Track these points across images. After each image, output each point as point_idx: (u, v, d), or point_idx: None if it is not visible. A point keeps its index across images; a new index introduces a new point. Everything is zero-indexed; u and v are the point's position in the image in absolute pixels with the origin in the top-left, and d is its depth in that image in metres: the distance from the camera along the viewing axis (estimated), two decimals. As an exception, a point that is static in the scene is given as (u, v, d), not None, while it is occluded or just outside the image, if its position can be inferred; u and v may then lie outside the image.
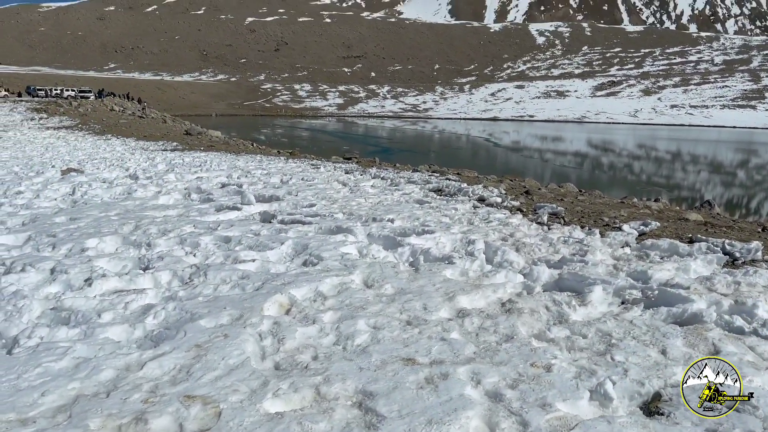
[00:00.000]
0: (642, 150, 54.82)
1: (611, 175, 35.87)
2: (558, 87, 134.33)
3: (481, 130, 75.16)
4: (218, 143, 26.12)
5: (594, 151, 52.65)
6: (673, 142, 63.20)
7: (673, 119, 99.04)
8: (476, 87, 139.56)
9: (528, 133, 74.79)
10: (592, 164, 41.86)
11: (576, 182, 30.72)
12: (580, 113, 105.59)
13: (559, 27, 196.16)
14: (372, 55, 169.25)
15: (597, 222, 6.97)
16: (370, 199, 8.20)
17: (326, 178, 10.71)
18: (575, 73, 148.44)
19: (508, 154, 47.90)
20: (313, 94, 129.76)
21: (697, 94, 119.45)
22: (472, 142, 59.37)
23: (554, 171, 36.29)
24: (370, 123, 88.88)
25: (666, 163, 44.37)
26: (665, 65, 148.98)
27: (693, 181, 33.75)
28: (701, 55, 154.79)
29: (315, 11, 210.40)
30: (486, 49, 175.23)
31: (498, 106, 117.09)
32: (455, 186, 9.73)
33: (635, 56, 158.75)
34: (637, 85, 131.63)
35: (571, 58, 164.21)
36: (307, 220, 6.51)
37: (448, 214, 7.22)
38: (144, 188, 8.62)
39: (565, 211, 7.62)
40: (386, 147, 49.77)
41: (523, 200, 8.74)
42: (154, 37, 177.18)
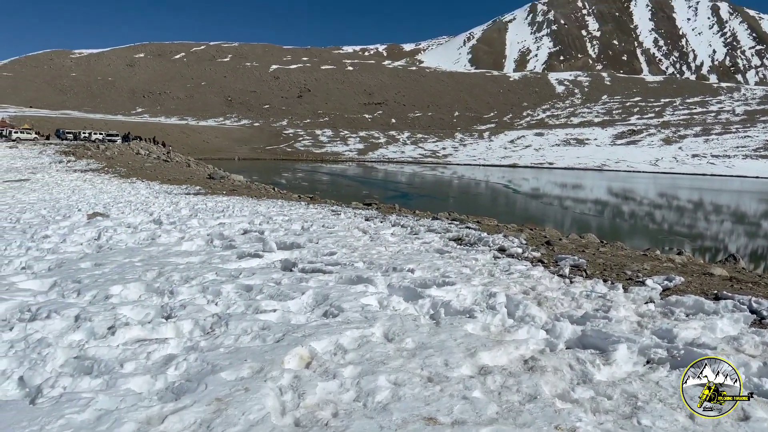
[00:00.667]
0: (663, 199, 54.39)
1: (632, 223, 35.54)
2: (578, 135, 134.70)
3: (500, 177, 75.33)
4: (240, 187, 26.48)
5: (615, 199, 52.34)
6: (695, 191, 62.65)
7: (694, 168, 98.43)
8: (496, 134, 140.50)
9: (547, 180, 74.75)
10: (613, 212, 41.55)
11: (597, 231, 30.50)
12: (600, 161, 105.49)
13: (579, 76, 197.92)
14: (393, 102, 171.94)
15: (620, 275, 6.89)
16: (391, 248, 8.21)
17: (347, 225, 10.77)
18: (595, 122, 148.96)
19: (528, 201, 47.82)
20: (334, 140, 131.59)
21: (718, 144, 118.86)
22: (491, 188, 59.45)
23: (574, 219, 36.08)
24: (390, 168, 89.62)
25: (688, 212, 43.91)
26: (686, 115, 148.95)
27: (716, 231, 33.27)
28: (722, 105, 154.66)
29: (338, 59, 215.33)
30: (505, 97, 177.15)
31: (517, 153, 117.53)
32: (475, 235, 9.72)
33: (655, 105, 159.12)
34: (658, 134, 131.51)
35: (590, 106, 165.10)
36: (327, 269, 6.53)
37: (469, 264, 7.20)
38: (168, 234, 8.74)
39: (587, 263, 7.55)
40: (405, 192, 50.03)
41: (544, 251, 8.68)
42: (181, 82, 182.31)
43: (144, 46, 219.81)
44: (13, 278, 5.94)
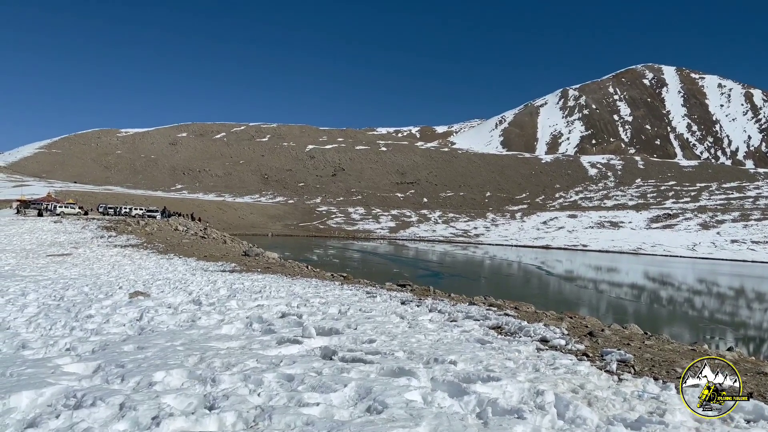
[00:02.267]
0: (703, 285, 52.90)
1: (671, 310, 34.49)
2: (611, 218, 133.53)
3: (533, 258, 74.53)
4: (274, 265, 26.71)
5: (652, 284, 51.09)
6: (736, 277, 60.86)
7: (734, 254, 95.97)
8: (528, 215, 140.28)
9: (581, 262, 73.62)
10: (651, 298, 40.47)
11: (634, 317, 29.72)
12: (636, 245, 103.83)
13: (611, 159, 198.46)
14: (425, 182, 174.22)
15: (670, 373, 6.62)
16: (430, 336, 8.09)
17: (383, 310, 10.69)
18: (629, 205, 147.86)
19: (562, 284, 46.98)
20: (366, 217, 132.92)
21: (758, 230, 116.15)
22: (524, 270, 58.74)
23: (610, 303, 35.24)
24: (421, 246, 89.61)
25: (730, 299, 42.50)
26: (723, 200, 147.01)
27: (760, 320, 32.02)
28: (760, 191, 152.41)
29: (372, 140, 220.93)
30: (537, 179, 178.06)
31: (550, 234, 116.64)
32: (515, 324, 9.53)
33: (691, 190, 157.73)
34: (694, 218, 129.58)
35: (624, 189, 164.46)
36: (368, 358, 6.43)
37: (512, 357, 7.02)
38: (207, 316, 8.79)
39: (635, 358, 7.29)
40: (437, 271, 49.74)
41: (587, 343, 8.44)
42: (220, 161, 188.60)
43: (187, 126, 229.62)
44: (58, 360, 5.99)
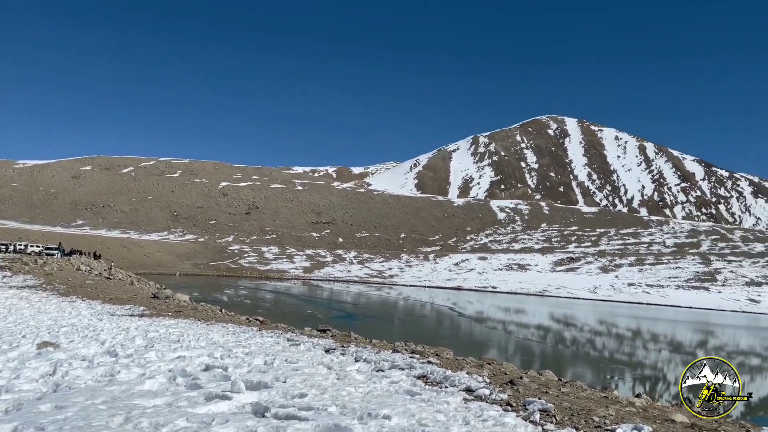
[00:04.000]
0: (603, 326, 55.77)
1: (575, 350, 36.09)
2: (519, 260, 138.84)
3: (445, 299, 75.96)
4: (186, 308, 25.82)
5: (557, 325, 53.32)
6: (633, 319, 64.61)
7: (631, 297, 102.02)
8: (440, 256, 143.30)
9: (491, 303, 75.84)
10: (555, 338, 42.19)
11: (541, 356, 30.88)
12: (542, 287, 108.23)
13: (519, 204, 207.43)
14: (340, 222, 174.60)
15: (588, 422, 7.00)
16: (360, 388, 8.12)
17: (309, 360, 10.61)
18: (535, 248, 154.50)
19: (473, 325, 48.13)
20: (280, 257, 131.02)
21: (652, 274, 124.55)
22: (437, 311, 59.73)
23: (519, 344, 36.44)
24: (336, 287, 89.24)
25: (628, 340, 45.02)
26: (620, 245, 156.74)
27: (654, 360, 34.09)
28: (653, 237, 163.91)
29: (288, 179, 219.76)
30: (450, 221, 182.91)
31: (462, 276, 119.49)
32: (440, 373, 9.74)
33: (591, 235, 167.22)
34: (595, 262, 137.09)
35: (530, 233, 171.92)
36: (302, 414, 6.38)
37: (442, 409, 7.18)
38: (127, 369, 8.40)
39: (554, 407, 7.65)
40: (351, 312, 49.64)
41: (509, 392, 8.76)
42: (126, 196, 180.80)
43: (92, 159, 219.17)
44: (-33, 424, 5.55)
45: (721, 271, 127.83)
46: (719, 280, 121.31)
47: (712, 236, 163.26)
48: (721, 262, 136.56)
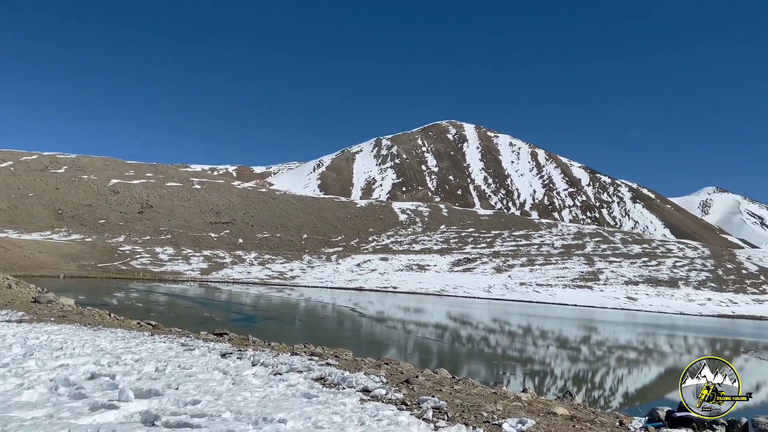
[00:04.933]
0: (497, 324, 58.20)
1: (470, 348, 37.39)
2: (419, 261, 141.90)
3: (347, 299, 76.27)
4: (71, 313, 24.32)
5: (453, 324, 55.02)
6: (524, 317, 67.88)
7: (522, 296, 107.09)
8: (343, 257, 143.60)
9: (392, 303, 77.00)
10: (452, 337, 43.53)
11: (438, 355, 31.76)
12: (440, 287, 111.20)
13: (420, 206, 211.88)
14: (240, 222, 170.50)
15: (478, 418, 7.34)
16: (256, 393, 8.03)
17: (204, 365, 10.34)
18: (434, 249, 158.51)
19: (374, 325, 48.68)
20: (175, 258, 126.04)
21: (541, 274, 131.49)
22: (338, 311, 59.86)
23: (417, 343, 37.29)
24: (235, 289, 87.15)
25: (518, 336, 47.30)
26: (513, 246, 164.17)
27: (543, 355, 36.03)
28: (543, 239, 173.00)
29: (185, 177, 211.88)
30: (353, 222, 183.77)
31: (363, 276, 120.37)
32: (338, 374, 9.82)
33: (487, 237, 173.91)
34: (490, 262, 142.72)
35: (430, 235, 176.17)
36: (194, 422, 6.24)
37: (338, 410, 7.26)
38: (3, 379, 7.82)
39: (447, 404, 7.95)
40: (251, 315, 48.68)
41: (405, 391, 9.00)
42: (4, 192, 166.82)
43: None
44: None
45: (603, 271, 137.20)
46: (601, 279, 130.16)
47: (596, 238, 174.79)
48: (603, 262, 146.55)
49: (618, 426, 7.42)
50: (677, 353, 43.80)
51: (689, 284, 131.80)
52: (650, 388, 28.35)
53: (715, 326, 79.10)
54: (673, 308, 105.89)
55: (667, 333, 60.43)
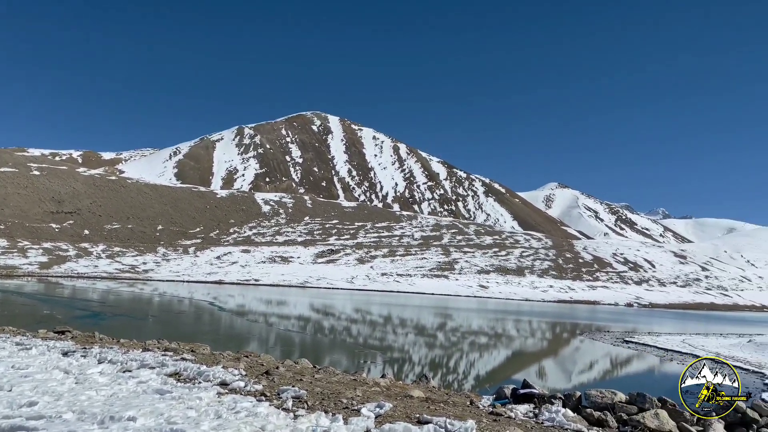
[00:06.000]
0: (359, 314, 59.23)
1: (332, 338, 37.74)
2: (282, 253, 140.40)
3: (205, 294, 73.60)
4: None
5: (316, 315, 55.19)
6: (385, 306, 69.71)
7: (383, 286, 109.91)
8: (201, 250, 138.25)
9: (253, 296, 75.55)
10: (315, 328, 43.67)
11: (300, 346, 31.72)
12: (303, 278, 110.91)
13: (283, 198, 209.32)
14: (87, 212, 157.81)
15: (337, 405, 7.44)
16: (103, 391, 7.51)
17: (42, 365, 9.47)
18: (298, 241, 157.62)
19: (234, 319, 47.45)
20: (10, 251, 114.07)
21: (402, 264, 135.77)
22: (196, 306, 57.59)
23: (279, 335, 36.94)
24: (80, 284, 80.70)
25: (379, 325, 48.50)
26: (375, 237, 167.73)
27: (402, 342, 37.29)
28: (404, 231, 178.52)
29: (22, 162, 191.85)
30: (212, 213, 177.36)
31: (224, 269, 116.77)
32: (194, 369, 9.47)
33: (350, 228, 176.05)
34: (353, 254, 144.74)
35: (294, 226, 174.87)
36: (29, 424, 5.71)
37: (193, 405, 7.00)
38: None
39: (307, 393, 7.97)
40: (98, 311, 45.33)
41: (265, 382, 8.88)
42: None
43: None
44: None
45: (458, 261, 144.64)
46: (456, 268, 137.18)
47: (452, 230, 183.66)
48: (459, 253, 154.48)
49: (469, 405, 7.88)
50: (523, 336, 47.33)
51: (534, 272, 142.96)
52: (499, 369, 30.38)
53: (556, 311, 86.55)
54: (519, 295, 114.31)
55: (515, 318, 65.09)
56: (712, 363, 30.31)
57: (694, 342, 40.67)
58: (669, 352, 35.20)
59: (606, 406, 8.40)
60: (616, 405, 8.47)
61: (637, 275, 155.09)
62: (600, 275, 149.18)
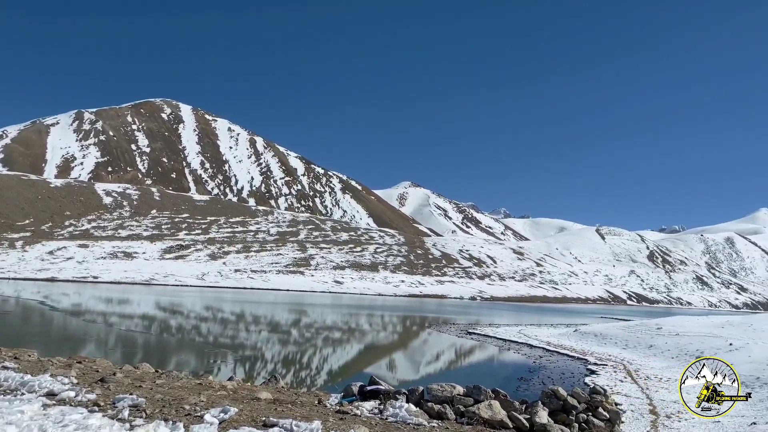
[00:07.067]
0: (209, 312, 57.20)
1: (180, 338, 36.16)
2: (126, 248, 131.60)
3: (35, 292, 67.00)
4: None
5: (163, 314, 52.48)
6: (238, 303, 68.01)
7: (237, 282, 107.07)
8: (31, 244, 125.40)
9: (92, 295, 70.10)
10: (161, 327, 41.55)
11: (144, 348, 30.00)
12: (149, 275, 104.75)
13: (128, 189, 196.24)
14: None
15: (179, 411, 7.14)
16: None
17: None
18: (144, 235, 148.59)
19: (69, 320, 43.65)
20: None
21: (257, 260, 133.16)
22: (24, 306, 52.17)
23: (120, 336, 34.63)
24: None
25: (231, 324, 47.23)
26: (229, 233, 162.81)
27: (255, 340, 36.64)
28: (259, 226, 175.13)
29: None
30: (45, 204, 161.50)
31: (57, 266, 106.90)
32: (16, 379, 8.58)
33: (202, 223, 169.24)
34: (204, 249, 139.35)
35: (139, 220, 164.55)
36: None
37: (14, 420, 6.34)
38: None
39: (147, 401, 7.56)
40: None
41: (99, 391, 8.28)
42: None
43: None
44: None
45: (314, 257, 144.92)
46: (312, 264, 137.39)
47: (309, 226, 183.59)
48: (315, 249, 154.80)
49: (317, 404, 7.94)
50: (375, 331, 48.59)
51: (387, 268, 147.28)
52: (351, 364, 30.92)
53: (407, 305, 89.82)
54: (373, 290, 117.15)
55: (368, 313, 66.60)
56: (545, 351, 33.23)
57: (529, 332, 44.30)
58: (507, 342, 38.01)
59: (446, 399, 8.90)
60: (455, 398, 8.99)
61: (481, 270, 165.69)
62: (448, 271, 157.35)
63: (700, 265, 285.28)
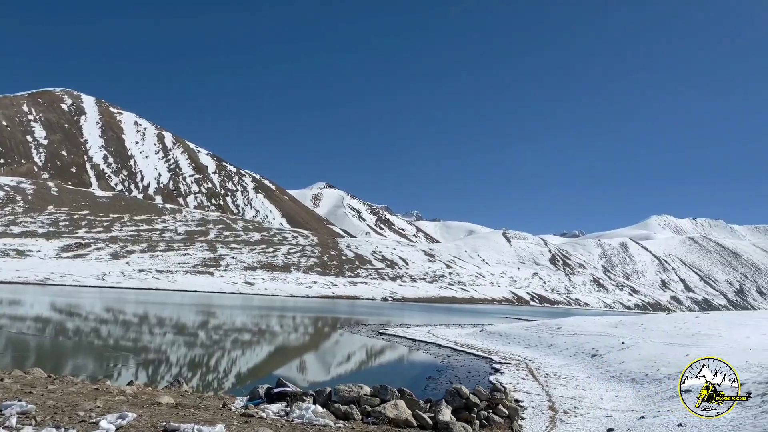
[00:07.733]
0: (110, 314, 54.57)
1: (77, 341, 34.32)
2: (18, 246, 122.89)
3: None
4: None
5: (59, 316, 49.55)
6: (141, 305, 65.26)
7: (140, 283, 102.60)
8: None
9: (-22, 296, 65.06)
10: (56, 330, 39.25)
11: (37, 352, 28.21)
12: (44, 275, 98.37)
13: (22, 183, 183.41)
14: None
15: (72, 418, 6.80)
16: None
17: None
18: (39, 233, 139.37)
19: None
20: None
21: (163, 260, 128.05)
22: None
23: (10, 340, 32.37)
24: None
25: (133, 326, 45.25)
26: (134, 231, 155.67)
27: (159, 344, 35.32)
28: (166, 225, 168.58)
29: None
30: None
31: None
32: None
33: (104, 220, 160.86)
34: (106, 248, 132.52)
35: (34, 216, 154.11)
36: None
37: None
38: None
39: (37, 407, 7.14)
40: None
41: (-18, 399, 7.72)
42: None
43: None
44: None
45: (224, 257, 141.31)
46: (222, 265, 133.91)
47: (219, 225, 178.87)
48: (226, 249, 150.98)
49: (221, 408, 7.78)
50: (286, 332, 48.09)
51: (300, 269, 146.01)
52: (260, 366, 30.45)
53: (319, 306, 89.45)
54: (285, 291, 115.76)
55: (279, 314, 65.78)
56: (453, 351, 34.15)
57: (438, 332, 45.34)
58: (417, 342, 38.73)
59: (353, 399, 8.98)
60: (362, 398, 9.10)
61: (393, 272, 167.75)
62: (360, 272, 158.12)
63: (597, 269, 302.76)
